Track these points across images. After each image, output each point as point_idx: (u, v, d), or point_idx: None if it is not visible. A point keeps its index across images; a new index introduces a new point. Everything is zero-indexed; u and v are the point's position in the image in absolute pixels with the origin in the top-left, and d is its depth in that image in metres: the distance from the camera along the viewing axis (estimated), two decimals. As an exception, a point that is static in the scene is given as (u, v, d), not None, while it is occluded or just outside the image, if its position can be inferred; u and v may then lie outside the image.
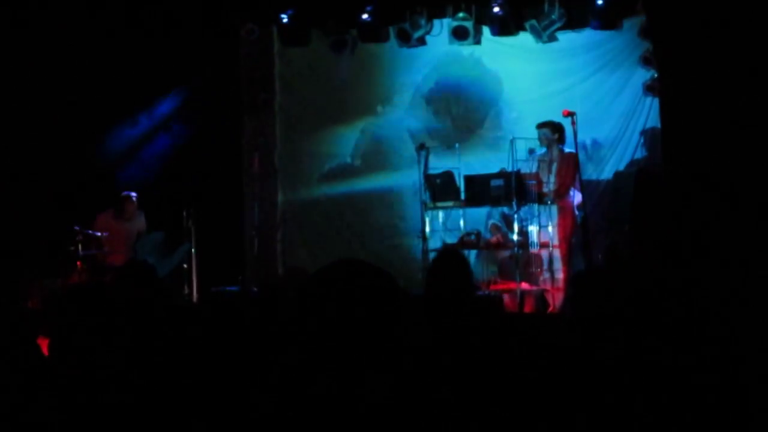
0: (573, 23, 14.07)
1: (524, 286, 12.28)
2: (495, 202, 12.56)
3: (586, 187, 12.69)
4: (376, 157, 15.37)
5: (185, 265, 13.51)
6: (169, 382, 4.31)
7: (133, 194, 13.88)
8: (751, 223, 10.79)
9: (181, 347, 4.93)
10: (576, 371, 4.32)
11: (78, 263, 12.90)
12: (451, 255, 6.77)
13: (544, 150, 12.72)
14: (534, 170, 12.56)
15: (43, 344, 4.52)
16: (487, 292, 12.16)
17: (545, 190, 12.46)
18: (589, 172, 13.76)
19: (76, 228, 12.96)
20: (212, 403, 3.91)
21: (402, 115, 15.23)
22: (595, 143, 14.02)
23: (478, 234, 12.93)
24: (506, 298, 12.26)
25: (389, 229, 15.21)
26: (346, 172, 15.55)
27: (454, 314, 5.86)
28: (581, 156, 12.39)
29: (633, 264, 12.07)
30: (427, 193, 12.97)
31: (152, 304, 5.86)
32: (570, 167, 12.42)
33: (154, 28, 14.41)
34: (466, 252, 12.62)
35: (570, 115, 11.90)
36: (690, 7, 11.76)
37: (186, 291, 13.36)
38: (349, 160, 15.53)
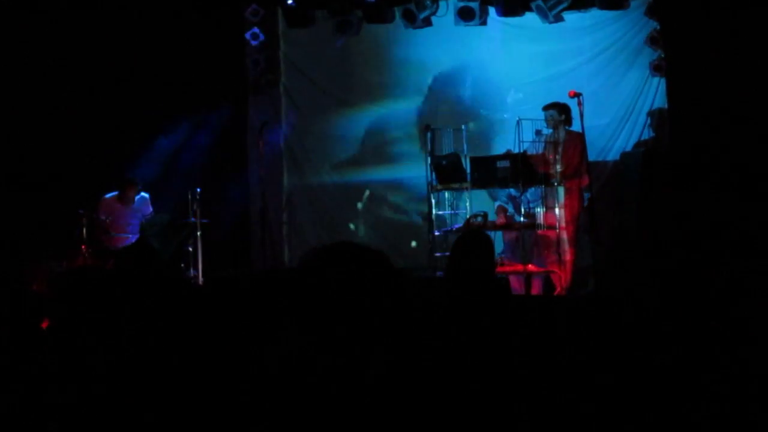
0: (579, 3, 13.97)
1: (531, 268, 12.24)
2: (501, 183, 12.52)
3: (593, 168, 12.65)
4: (383, 140, 15.31)
5: (190, 248, 13.47)
6: (170, 365, 4.28)
7: (137, 179, 13.87)
8: (759, 203, 10.75)
9: (183, 328, 4.90)
10: (585, 352, 4.29)
11: (83, 246, 12.89)
12: (477, 235, 6.75)
13: (550, 131, 12.67)
14: (540, 151, 12.52)
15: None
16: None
17: (552, 171, 12.42)
18: (596, 153, 13.68)
19: (81, 211, 12.95)
20: (215, 384, 3.88)
21: (408, 97, 15.16)
22: (602, 123, 13.94)
23: (485, 216, 12.88)
24: (513, 280, 12.21)
25: (397, 212, 15.18)
26: (353, 154, 15.50)
27: (475, 293, 5.84)
28: (588, 136, 12.32)
29: (640, 245, 12.03)
30: (433, 175, 12.92)
31: (154, 285, 5.84)
32: (577, 148, 12.37)
33: (158, 10, 14.35)
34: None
35: (576, 96, 11.86)
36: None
37: (192, 273, 13.31)
38: (355, 142, 15.47)
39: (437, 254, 12.70)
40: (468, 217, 12.84)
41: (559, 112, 12.57)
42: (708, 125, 11.51)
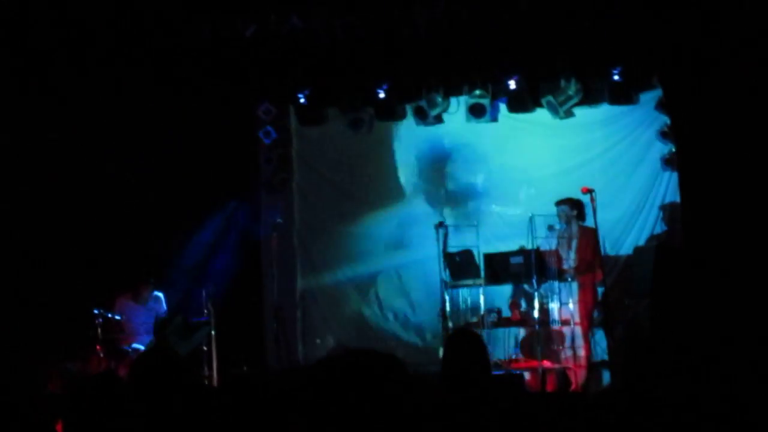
0: (590, 98, 14.07)
1: (546, 363, 12.20)
2: (515, 279, 12.54)
3: (606, 262, 12.65)
4: (395, 238, 15.32)
5: (204, 347, 13.43)
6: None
7: (152, 279, 13.88)
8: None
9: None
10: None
11: (98, 346, 12.86)
12: (464, 334, 6.76)
13: (563, 226, 12.69)
14: (554, 247, 12.54)
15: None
16: (508, 371, 12.08)
17: (565, 266, 12.44)
18: (609, 247, 13.69)
19: (96, 311, 12.93)
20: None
21: (420, 194, 15.20)
22: (614, 217, 13.94)
23: (499, 312, 12.88)
24: (528, 376, 12.16)
25: (411, 308, 15.13)
26: (365, 252, 15.50)
27: (471, 392, 5.82)
28: (600, 230, 12.34)
29: (655, 339, 11.97)
30: (447, 272, 12.93)
31: (173, 392, 5.82)
32: (590, 243, 12.40)
33: (171, 110, 14.46)
34: (487, 330, 12.57)
35: (589, 192, 11.90)
36: (707, 81, 11.76)
37: (206, 372, 13.26)
38: (368, 238, 15.47)
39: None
40: (481, 313, 12.84)
41: (571, 208, 12.63)
42: (721, 219, 11.50)
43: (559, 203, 12.74)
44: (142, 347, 12.91)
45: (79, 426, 4.32)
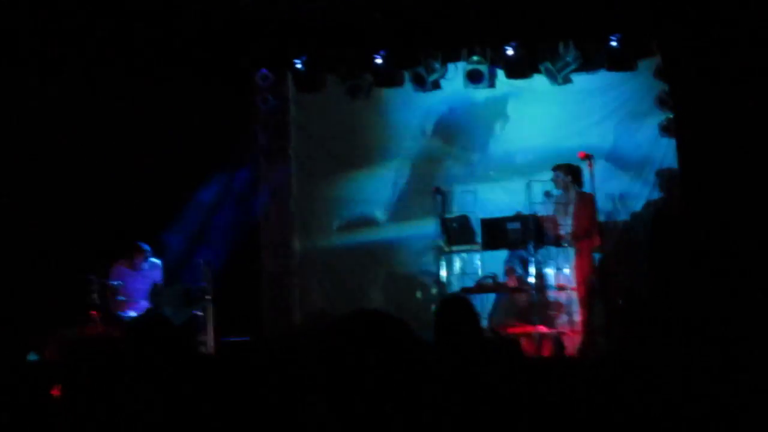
0: (588, 65, 14.02)
1: (542, 329, 12.22)
2: (512, 245, 12.54)
3: (603, 229, 12.66)
4: (395, 204, 15.32)
5: (201, 313, 13.45)
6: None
7: (146, 246, 13.86)
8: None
9: (197, 398, 4.89)
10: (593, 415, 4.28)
11: (94, 313, 12.86)
12: (453, 301, 6.78)
13: (560, 192, 12.69)
14: (551, 212, 12.54)
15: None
16: (504, 336, 12.10)
17: (562, 232, 12.44)
18: (606, 213, 13.68)
19: (92, 277, 12.93)
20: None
21: (418, 160, 15.19)
22: (612, 184, 13.93)
23: (495, 277, 12.90)
24: (524, 341, 12.18)
25: (409, 276, 15.15)
26: (363, 219, 15.50)
27: (464, 358, 5.83)
28: (598, 197, 12.35)
29: (651, 305, 12.00)
30: (444, 237, 12.94)
31: (166, 357, 5.83)
32: (587, 209, 12.40)
33: (168, 75, 14.43)
34: (483, 295, 12.60)
35: (587, 157, 11.90)
36: (705, 48, 11.75)
37: (202, 339, 13.28)
38: (366, 206, 15.47)
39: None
40: (478, 279, 12.86)
41: (565, 173, 12.62)
42: (718, 186, 11.51)
43: (554, 169, 12.74)
44: (137, 314, 12.92)
45: (76, 389, 4.32)
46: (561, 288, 12.47)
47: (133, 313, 13.01)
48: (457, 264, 13.40)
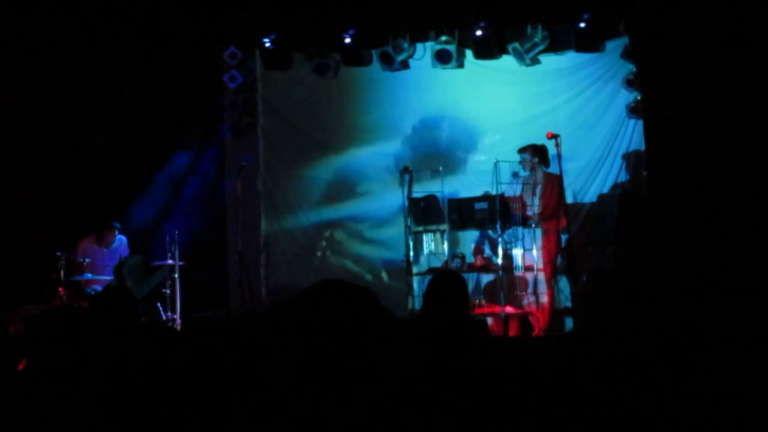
0: (556, 46, 14.02)
1: (509, 309, 12.25)
2: (479, 225, 12.56)
3: (570, 210, 12.69)
4: (360, 181, 15.31)
5: (167, 291, 13.43)
6: (149, 409, 4.25)
7: (117, 224, 13.87)
8: (735, 242, 10.78)
9: (161, 373, 4.88)
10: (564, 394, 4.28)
11: (60, 289, 12.82)
12: (450, 276, 6.75)
13: (528, 173, 12.72)
14: (518, 193, 12.56)
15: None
16: (471, 316, 12.13)
17: (529, 212, 12.48)
18: (573, 194, 13.72)
19: (59, 253, 12.88)
20: (195, 428, 3.86)
21: (385, 139, 15.18)
22: (579, 165, 13.96)
23: (463, 257, 12.92)
24: (491, 321, 12.21)
25: (375, 254, 15.16)
26: (329, 197, 15.49)
27: (453, 336, 5.85)
28: (565, 178, 12.37)
29: (618, 286, 12.04)
30: (411, 217, 12.95)
31: (129, 329, 5.82)
32: (554, 189, 12.44)
33: (136, 51, 14.39)
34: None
35: (554, 137, 11.91)
36: (673, 29, 11.78)
37: (170, 315, 13.27)
38: (332, 183, 15.46)
39: (415, 296, 12.73)
40: (445, 258, 12.87)
41: (532, 154, 12.65)
42: (684, 167, 11.56)
43: (521, 150, 12.78)
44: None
45: (39, 359, 4.30)
46: (528, 268, 12.50)
47: (100, 289, 12.98)
48: (425, 244, 13.39)
